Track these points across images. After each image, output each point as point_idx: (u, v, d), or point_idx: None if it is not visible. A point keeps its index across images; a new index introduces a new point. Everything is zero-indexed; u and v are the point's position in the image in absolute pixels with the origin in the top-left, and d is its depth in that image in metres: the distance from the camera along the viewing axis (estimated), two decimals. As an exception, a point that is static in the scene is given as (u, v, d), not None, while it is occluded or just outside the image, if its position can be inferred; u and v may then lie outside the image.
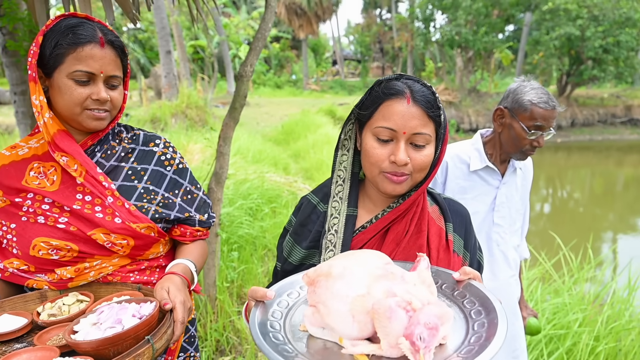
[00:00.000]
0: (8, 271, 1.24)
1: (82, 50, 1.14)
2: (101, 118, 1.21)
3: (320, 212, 1.17)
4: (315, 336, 0.88)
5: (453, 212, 1.18)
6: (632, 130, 21.41)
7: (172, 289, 1.12)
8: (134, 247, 1.25)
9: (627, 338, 2.85)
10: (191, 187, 1.39)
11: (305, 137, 11.73)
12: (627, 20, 19.21)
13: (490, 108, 21.04)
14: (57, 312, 1.14)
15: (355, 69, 41.63)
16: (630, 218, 10.40)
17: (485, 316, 0.86)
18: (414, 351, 0.76)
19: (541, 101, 1.74)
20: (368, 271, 0.86)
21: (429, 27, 23.10)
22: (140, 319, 0.99)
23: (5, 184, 1.23)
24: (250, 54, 3.19)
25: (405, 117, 1.01)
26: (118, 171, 1.29)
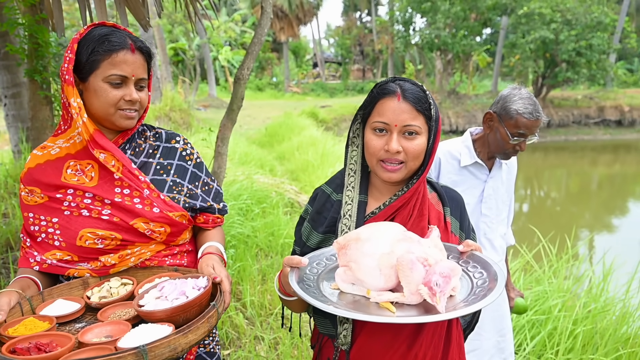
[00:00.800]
0: (46, 263, 1.31)
1: (117, 56, 1.25)
2: (132, 117, 1.32)
3: (334, 200, 1.30)
4: (346, 292, 1.06)
5: (449, 198, 1.33)
6: (605, 130, 22.07)
7: (216, 265, 1.26)
8: (169, 233, 1.36)
9: (603, 321, 3.08)
10: (207, 179, 1.51)
11: (289, 139, 11.80)
12: (598, 25, 19.84)
13: (470, 110, 21.42)
14: (107, 295, 1.24)
15: (336, 71, 41.83)
16: (604, 215, 10.76)
17: (486, 276, 1.05)
18: (432, 295, 0.93)
19: (526, 112, 1.88)
20: (391, 235, 1.03)
21: (408, 30, 23.38)
22: (199, 290, 1.13)
23: (43, 181, 1.31)
24: (247, 57, 3.32)
25: (396, 112, 1.17)
26: (148, 166, 1.40)
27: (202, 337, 1.03)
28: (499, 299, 2.15)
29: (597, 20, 19.70)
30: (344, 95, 30.80)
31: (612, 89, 24.76)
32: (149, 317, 1.07)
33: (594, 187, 14.51)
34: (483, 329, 2.12)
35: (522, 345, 2.90)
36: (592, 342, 2.90)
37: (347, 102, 23.13)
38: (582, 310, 3.10)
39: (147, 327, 1.05)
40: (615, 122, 22.28)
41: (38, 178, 1.31)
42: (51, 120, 3.17)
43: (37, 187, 1.31)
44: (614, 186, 14.48)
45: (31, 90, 3.11)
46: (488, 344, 2.16)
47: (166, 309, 1.06)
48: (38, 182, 1.31)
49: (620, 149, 20.01)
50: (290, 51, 36.00)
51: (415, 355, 1.17)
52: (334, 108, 20.61)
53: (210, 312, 1.06)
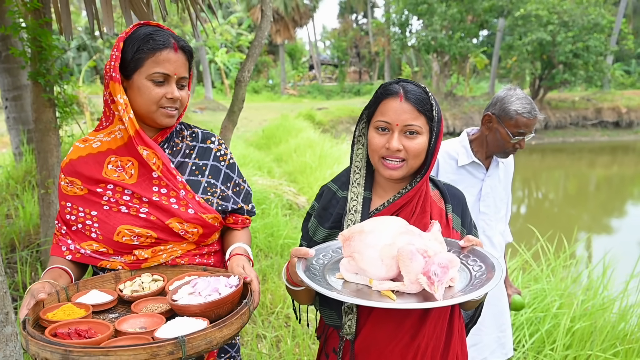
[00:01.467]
0: (80, 253, 1.36)
1: (160, 54, 1.29)
2: (172, 115, 1.35)
3: (340, 197, 1.36)
4: (349, 281, 1.13)
5: (451, 195, 1.38)
6: (603, 132, 22.14)
7: (246, 266, 1.31)
8: (201, 234, 1.40)
9: (601, 318, 3.12)
10: (239, 179, 1.54)
11: (286, 142, 11.82)
12: (595, 26, 19.92)
13: (467, 111, 21.46)
14: (139, 289, 1.28)
15: (332, 73, 41.86)
16: (601, 216, 10.78)
17: (484, 268, 1.10)
18: (430, 284, 1.00)
19: (525, 111, 1.95)
20: (393, 228, 1.10)
21: (405, 32, 23.44)
22: (231, 289, 1.17)
23: (85, 174, 1.35)
24: (248, 60, 3.42)
25: (397, 112, 1.23)
26: (184, 166, 1.43)
27: (235, 332, 1.07)
28: (498, 294, 2.20)
29: (594, 21, 19.78)
30: (341, 97, 30.82)
31: (610, 90, 24.84)
32: (183, 311, 1.11)
33: (592, 189, 14.54)
34: (484, 324, 2.14)
35: (522, 341, 2.93)
36: (590, 338, 2.92)
37: (344, 104, 23.14)
38: (580, 307, 3.14)
39: (182, 320, 1.09)
40: (613, 123, 22.36)
41: (79, 170, 1.35)
42: (54, 122, 3.17)
43: (78, 178, 1.35)
44: (612, 187, 14.52)
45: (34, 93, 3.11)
46: (489, 339, 2.20)
47: (201, 303, 1.10)
48: (79, 174, 1.35)
49: (618, 151, 20.08)
50: (287, 53, 36.04)
51: (418, 345, 1.22)
52: (331, 110, 20.62)
53: (243, 310, 1.10)
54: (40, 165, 3.19)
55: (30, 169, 5.44)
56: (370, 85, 33.05)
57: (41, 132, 3.15)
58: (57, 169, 3.18)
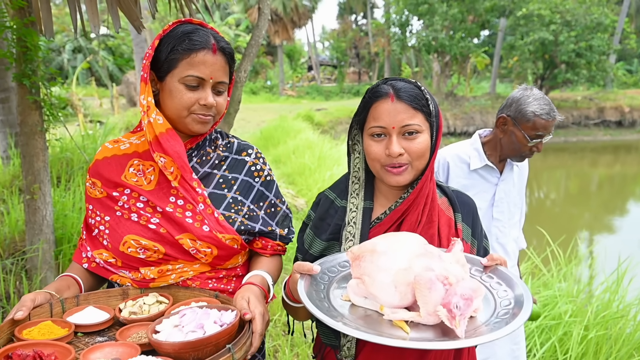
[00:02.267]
0: (95, 262, 1.28)
1: (196, 56, 1.18)
2: (205, 122, 1.24)
3: (338, 207, 1.26)
4: (357, 305, 1.00)
5: (461, 203, 1.27)
6: (605, 131, 22.07)
7: (252, 299, 1.12)
8: (216, 256, 1.26)
9: (616, 326, 2.99)
10: (276, 200, 1.40)
11: (285, 143, 11.75)
12: (598, 26, 19.88)
13: (468, 112, 21.35)
14: (138, 311, 1.18)
15: (331, 74, 41.85)
16: (606, 216, 10.69)
17: (511, 296, 0.97)
18: (451, 318, 0.87)
19: (543, 112, 1.86)
20: (409, 249, 0.97)
21: (405, 33, 23.37)
22: (222, 327, 1.00)
23: (106, 176, 1.28)
24: (244, 60, 3.31)
25: (391, 114, 1.13)
26: (210, 178, 1.31)
27: None
28: None
29: (596, 21, 19.74)
30: (340, 98, 30.79)
31: (612, 89, 24.81)
32: (157, 348, 0.97)
33: (594, 188, 14.44)
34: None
35: (532, 350, 2.83)
36: (605, 347, 2.80)
37: (343, 105, 23.10)
38: (593, 315, 3.02)
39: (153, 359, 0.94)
40: (616, 122, 22.32)
41: (101, 171, 1.29)
42: (40, 125, 3.06)
43: (99, 180, 1.29)
44: (615, 187, 14.42)
45: (20, 95, 3.01)
46: (502, 352, 2.09)
47: (174, 342, 0.95)
48: (100, 176, 1.29)
49: (621, 150, 20.02)
50: (285, 54, 35.99)
51: None
52: (330, 111, 20.57)
53: (221, 358, 0.91)
54: (25, 169, 3.07)
55: (18, 173, 5.30)
56: (370, 85, 32.96)
57: (26, 136, 3.05)
58: (43, 173, 3.07)
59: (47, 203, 3.10)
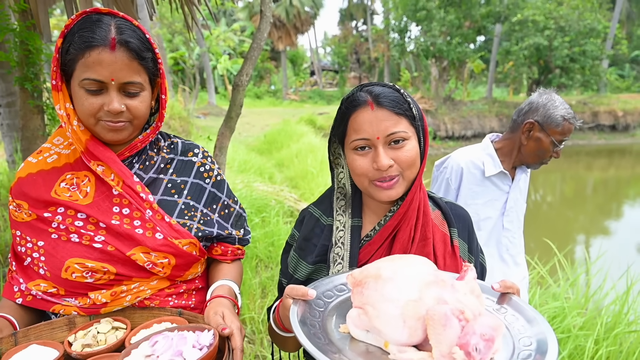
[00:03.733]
0: (31, 294, 1.11)
1: (89, 55, 1.00)
2: (117, 129, 1.07)
3: (324, 225, 1.14)
4: (358, 339, 0.86)
5: (456, 216, 1.16)
6: (600, 135, 22.29)
7: (227, 314, 1.03)
8: (174, 266, 1.14)
9: (628, 340, 2.85)
10: (228, 200, 1.28)
11: (288, 147, 11.76)
12: (591, 31, 20.15)
13: (465, 116, 21.64)
14: (92, 342, 1.01)
15: (333, 79, 42.17)
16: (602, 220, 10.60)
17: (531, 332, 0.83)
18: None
19: (571, 117, 1.80)
20: (419, 276, 0.84)
21: (404, 38, 23.68)
22: (201, 350, 0.90)
23: (31, 195, 1.10)
24: (246, 63, 3.23)
25: (373, 123, 1.01)
26: (157, 184, 1.18)
27: None
28: None
29: (589, 27, 20.01)
30: (341, 102, 30.99)
31: (606, 94, 25.03)
32: None
33: (590, 192, 14.62)
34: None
35: None
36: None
37: (345, 109, 23.21)
38: (603, 328, 2.85)
39: None
40: (610, 126, 22.50)
41: (27, 191, 1.10)
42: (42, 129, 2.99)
43: (25, 201, 1.10)
44: (610, 190, 14.60)
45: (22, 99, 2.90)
46: None
47: None
48: (26, 196, 1.10)
49: (615, 154, 20.17)
50: (288, 60, 36.32)
51: None
52: (332, 115, 20.41)
53: None
54: None
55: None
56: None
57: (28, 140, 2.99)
58: None
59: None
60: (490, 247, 1.98)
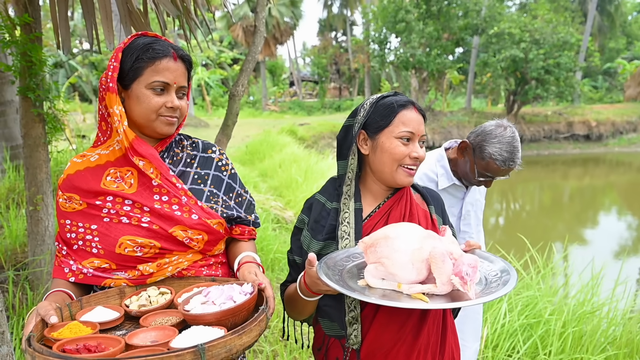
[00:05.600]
0: (82, 273, 1.30)
1: (160, 63, 1.28)
2: (172, 123, 1.33)
3: (329, 208, 1.38)
4: (375, 287, 1.13)
5: (432, 197, 1.47)
6: (575, 144, 22.91)
7: (258, 273, 1.25)
8: (207, 242, 1.34)
9: (591, 323, 3.21)
10: (241, 190, 1.50)
11: (271, 157, 11.83)
12: (564, 44, 20.76)
13: (445, 126, 21.91)
14: (146, 303, 1.22)
15: (312, 89, 42.24)
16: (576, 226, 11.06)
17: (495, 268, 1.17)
18: (463, 284, 1.04)
19: (500, 159, 1.81)
20: (416, 233, 1.14)
21: (384, 50, 23.92)
22: (246, 296, 1.13)
23: (83, 187, 1.31)
24: (242, 74, 3.45)
25: (416, 122, 1.32)
26: (186, 175, 1.40)
27: (254, 339, 1.03)
28: (477, 308, 2.23)
29: (563, 39, 20.61)
30: (322, 113, 31.05)
31: (580, 105, 25.80)
32: (198, 321, 1.06)
33: (566, 200, 14.93)
34: (466, 339, 2.13)
35: (516, 347, 2.99)
36: (581, 342, 3.01)
37: (325, 119, 23.31)
38: (570, 313, 3.22)
39: (197, 329, 1.04)
40: (584, 136, 23.16)
41: (77, 184, 1.32)
42: (44, 137, 3.10)
43: (76, 193, 1.32)
44: (585, 198, 14.94)
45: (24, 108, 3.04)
46: (470, 352, 2.19)
47: (216, 312, 1.05)
48: (77, 189, 1.32)
49: (589, 163, 20.75)
50: (267, 70, 36.24)
51: (420, 344, 1.28)
52: (313, 126, 20.75)
53: (261, 316, 1.06)
54: (28, 181, 3.11)
55: (13, 186, 5.28)
56: (351, 101, 33.44)
57: (30, 148, 3.07)
58: (46, 184, 3.12)
59: (49, 214, 3.16)
60: None
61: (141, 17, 2.79)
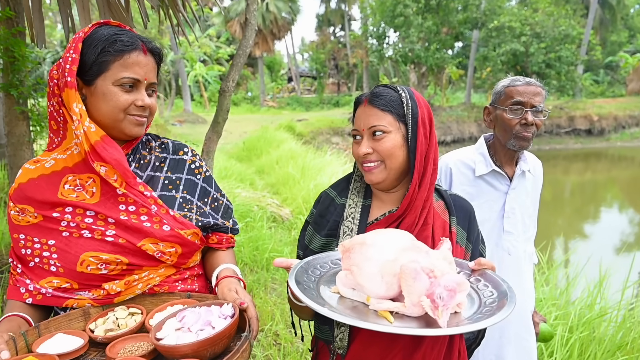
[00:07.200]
0: (40, 293, 1.16)
1: (129, 57, 1.15)
2: (142, 123, 1.21)
3: (337, 204, 1.31)
4: (345, 296, 1.02)
5: (457, 207, 1.30)
6: (576, 139, 22.77)
7: (239, 290, 1.15)
8: (180, 254, 1.23)
9: (599, 328, 3.05)
10: (217, 194, 1.39)
11: (268, 153, 11.75)
12: (566, 37, 20.60)
13: (445, 121, 21.76)
14: (114, 327, 1.09)
15: (311, 85, 42.07)
16: (579, 223, 10.98)
17: (496, 295, 0.99)
18: (434, 308, 0.88)
19: (514, 81, 1.76)
20: (398, 243, 1.00)
21: (382, 44, 23.76)
22: (226, 319, 1.01)
23: (37, 198, 1.16)
24: (232, 69, 3.34)
25: (362, 117, 1.23)
26: (155, 181, 1.28)
27: None
28: (525, 333, 1.88)
29: (564, 33, 20.45)
30: (320, 108, 30.98)
31: (581, 99, 25.63)
32: (172, 353, 0.93)
33: (568, 195, 14.84)
34: None
35: None
36: (589, 349, 2.87)
37: (323, 115, 23.26)
38: (576, 317, 3.08)
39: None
40: (585, 131, 23.02)
41: (31, 195, 1.17)
42: (28, 136, 3.07)
43: (30, 205, 1.16)
44: (587, 194, 14.84)
45: (7, 106, 2.98)
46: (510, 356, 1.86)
47: (193, 342, 0.93)
48: (31, 200, 1.16)
49: (591, 157, 20.64)
50: (265, 66, 36.11)
51: None
52: (311, 122, 20.67)
53: (244, 346, 0.95)
54: (13, 180, 3.06)
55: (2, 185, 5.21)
56: (349, 96, 33.35)
57: (14, 146, 3.03)
58: None
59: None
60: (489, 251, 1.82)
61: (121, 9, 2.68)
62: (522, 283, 1.85)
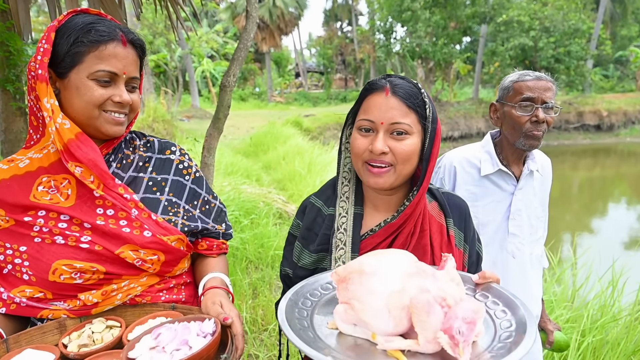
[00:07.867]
0: (14, 302, 1.08)
1: (105, 48, 1.05)
2: (120, 122, 1.12)
3: (325, 215, 1.17)
4: (346, 333, 0.88)
5: (452, 206, 1.20)
6: (585, 135, 22.52)
7: (225, 303, 1.05)
8: (164, 262, 1.14)
9: (614, 331, 2.94)
10: (208, 196, 1.30)
11: (274, 149, 11.70)
12: (575, 31, 20.32)
13: (452, 117, 21.61)
14: (88, 342, 1.01)
15: (318, 80, 41.97)
16: (589, 219, 10.85)
17: (510, 315, 0.88)
18: (453, 345, 0.76)
19: (523, 76, 1.68)
20: (400, 268, 0.87)
21: (389, 39, 23.60)
22: (205, 338, 0.92)
23: (8, 201, 1.08)
24: (233, 64, 3.26)
25: (382, 108, 1.04)
26: (138, 182, 1.18)
27: None
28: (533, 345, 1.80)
29: (574, 27, 20.19)
30: (327, 104, 30.92)
31: (590, 94, 25.33)
32: None
33: (576, 191, 14.70)
34: None
35: None
36: (601, 353, 2.78)
37: (331, 110, 23.17)
38: (589, 320, 2.97)
39: None
40: (594, 126, 22.76)
41: (2, 197, 1.09)
42: (25, 132, 3.03)
43: (1, 208, 1.09)
44: (595, 189, 14.69)
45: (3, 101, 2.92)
46: None
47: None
48: (2, 202, 1.08)
49: (600, 153, 20.40)
50: (273, 61, 36.03)
51: None
52: (318, 117, 20.61)
53: None
54: None
55: None
56: (357, 92, 33.23)
57: (11, 143, 2.97)
58: None
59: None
60: (490, 254, 1.76)
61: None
62: (527, 287, 1.78)
